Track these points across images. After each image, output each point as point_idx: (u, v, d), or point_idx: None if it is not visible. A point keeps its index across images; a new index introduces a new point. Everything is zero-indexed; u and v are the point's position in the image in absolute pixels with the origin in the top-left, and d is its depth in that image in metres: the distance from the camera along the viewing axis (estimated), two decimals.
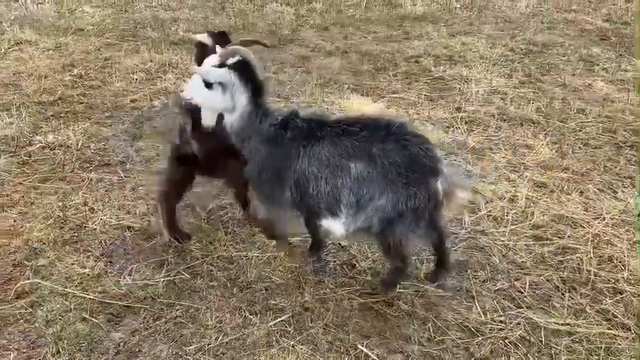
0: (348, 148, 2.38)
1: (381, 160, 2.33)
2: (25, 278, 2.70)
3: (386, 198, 2.34)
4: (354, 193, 2.38)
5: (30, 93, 4.82)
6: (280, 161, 2.49)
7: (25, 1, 7.47)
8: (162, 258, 2.87)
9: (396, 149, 2.33)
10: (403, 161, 2.32)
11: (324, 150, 2.41)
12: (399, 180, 2.32)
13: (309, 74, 5.46)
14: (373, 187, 2.35)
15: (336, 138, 2.41)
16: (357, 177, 2.36)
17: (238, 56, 2.42)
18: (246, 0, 8.11)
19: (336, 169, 2.39)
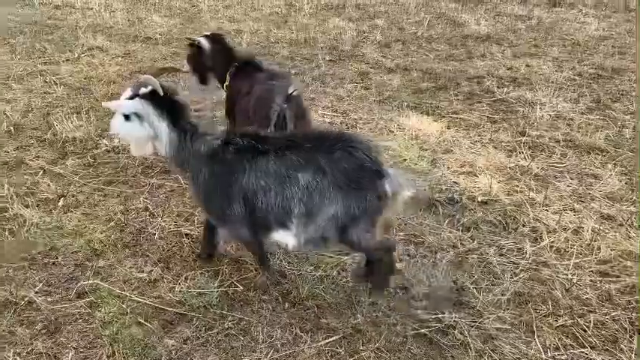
0: (294, 160, 2.41)
1: (329, 169, 2.37)
2: (86, 279, 2.78)
3: (337, 204, 2.39)
4: (304, 203, 2.40)
5: (99, 97, 5.01)
6: (225, 178, 2.49)
7: (99, 9, 7.82)
8: (217, 268, 2.89)
9: (343, 157, 2.38)
10: (351, 168, 2.37)
11: (270, 163, 2.43)
12: (349, 186, 2.37)
13: (369, 90, 5.44)
14: (324, 195, 2.39)
15: (281, 151, 2.44)
16: (307, 187, 2.39)
17: (150, 86, 2.45)
18: (309, 15, 8.20)
19: (285, 180, 2.41)
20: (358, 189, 2.37)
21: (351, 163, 2.38)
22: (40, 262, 2.91)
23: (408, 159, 4.08)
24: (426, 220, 3.36)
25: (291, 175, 2.40)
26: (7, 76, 5.38)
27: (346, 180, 2.37)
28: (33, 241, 3.08)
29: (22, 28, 6.99)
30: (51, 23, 7.32)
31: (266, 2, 8.82)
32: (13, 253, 2.97)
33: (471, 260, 3.01)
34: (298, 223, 2.44)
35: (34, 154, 3.99)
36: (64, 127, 4.30)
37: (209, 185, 2.53)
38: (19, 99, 4.85)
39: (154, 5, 8.35)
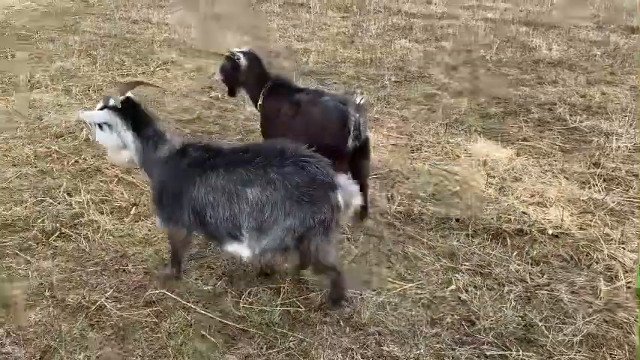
0: (244, 174, 2.51)
1: (281, 183, 2.47)
2: (154, 288, 2.86)
3: (293, 217, 2.48)
4: (254, 218, 2.50)
5: (172, 110, 5.20)
6: (177, 187, 2.64)
7: (174, 25, 8.15)
8: (279, 285, 2.91)
9: (294, 171, 2.49)
10: (304, 181, 2.47)
11: (219, 178, 2.54)
12: (303, 198, 2.46)
13: (435, 113, 5.38)
14: (277, 209, 2.48)
15: (231, 166, 2.55)
16: (256, 202, 2.48)
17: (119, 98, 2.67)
18: (375, 35, 8.24)
19: (232, 196, 2.51)
20: (312, 202, 2.48)
21: (303, 177, 2.49)
22: (112, 269, 3.03)
23: (475, 185, 3.99)
24: (493, 250, 3.26)
25: (239, 191, 2.50)
26: (88, 86, 5.68)
27: (299, 193, 2.47)
28: (106, 247, 3.21)
29: (102, 41, 7.37)
30: (129, 37, 7.69)
31: (333, 22, 8.93)
32: (87, 258, 3.11)
33: (541, 296, 2.89)
34: (250, 236, 2.54)
35: (109, 163, 4.16)
36: None
37: (162, 189, 2.73)
38: None
39: (227, 23, 8.59)
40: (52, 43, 7.17)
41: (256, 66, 3.79)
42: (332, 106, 3.29)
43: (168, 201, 2.70)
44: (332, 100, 3.34)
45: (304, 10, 9.69)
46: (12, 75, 5.94)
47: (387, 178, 4.06)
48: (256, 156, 2.55)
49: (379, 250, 3.25)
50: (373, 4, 10.18)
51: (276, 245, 2.57)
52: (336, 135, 3.23)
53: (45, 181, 3.85)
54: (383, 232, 3.41)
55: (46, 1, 9.73)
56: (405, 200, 3.76)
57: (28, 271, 2.96)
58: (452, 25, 9.03)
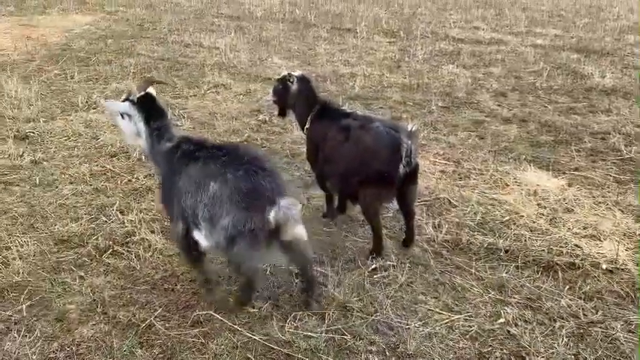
0: (212, 169, 2.71)
1: (230, 184, 2.62)
2: (201, 308, 2.90)
3: (230, 218, 2.59)
4: (209, 210, 2.66)
5: (221, 132, 5.32)
6: (172, 177, 2.88)
7: (224, 49, 8.38)
8: (324, 311, 2.90)
9: (244, 176, 2.62)
10: (247, 187, 2.60)
11: (195, 169, 2.76)
12: (240, 203, 2.58)
13: (483, 140, 5.31)
14: (222, 206, 2.62)
15: (208, 159, 2.75)
16: (213, 196, 2.64)
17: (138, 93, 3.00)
18: (422, 60, 8.24)
19: (200, 186, 2.70)
20: (246, 208, 2.58)
21: (249, 183, 2.61)
22: (161, 287, 3.09)
23: (525, 215, 3.90)
24: (543, 284, 3.17)
25: (205, 183, 2.69)
26: None
27: (239, 197, 2.59)
28: (156, 265, 3.28)
29: (156, 64, 7.64)
30: (181, 60, 7.95)
31: (380, 47, 8.99)
32: (137, 276, 3.18)
33: (595, 334, 2.78)
34: (205, 227, 2.71)
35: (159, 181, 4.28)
36: None
37: (163, 182, 3.03)
38: None
39: (275, 47, 8.80)
40: (108, 66, 7.48)
41: (306, 89, 3.85)
42: (384, 133, 3.29)
43: (167, 190, 2.97)
44: (383, 126, 3.33)
45: (351, 35, 9.80)
46: (71, 95, 6.23)
47: (434, 205, 4.02)
48: (227, 155, 2.76)
49: (426, 280, 3.20)
50: (420, 29, 10.22)
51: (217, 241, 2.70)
52: (387, 162, 3.22)
53: (99, 199, 3.99)
54: (430, 260, 3.37)
55: (104, 25, 10.19)
56: (452, 229, 3.71)
57: (82, 286, 3.06)
58: (500, 50, 8.96)
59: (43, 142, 4.96)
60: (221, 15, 11.48)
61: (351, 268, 3.26)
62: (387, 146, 3.23)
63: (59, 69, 7.31)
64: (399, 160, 3.20)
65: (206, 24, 10.49)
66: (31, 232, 3.56)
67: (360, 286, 3.10)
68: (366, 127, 3.35)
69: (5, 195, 4.01)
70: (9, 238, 3.45)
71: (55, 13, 11.17)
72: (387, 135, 3.27)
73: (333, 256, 3.39)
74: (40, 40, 8.89)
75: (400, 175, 3.23)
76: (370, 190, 3.31)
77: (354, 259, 3.36)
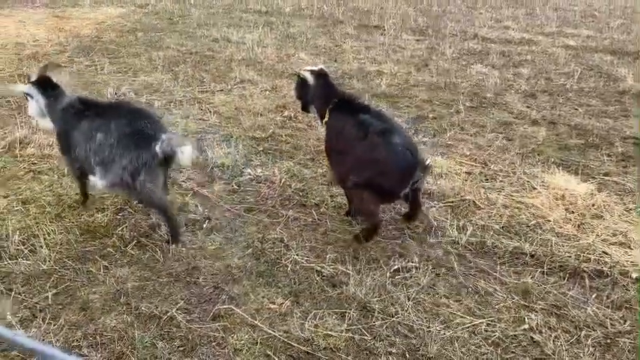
0: (98, 123, 3.31)
1: (117, 132, 3.23)
2: (222, 302, 2.92)
3: (126, 158, 3.21)
4: (99, 156, 3.28)
5: (246, 128, 5.34)
6: (67, 132, 3.47)
7: (251, 44, 8.40)
8: (345, 310, 2.89)
9: (127, 123, 3.27)
10: (132, 132, 3.24)
11: (85, 123, 3.36)
12: (130, 145, 3.21)
13: (511, 142, 5.22)
14: (114, 150, 3.23)
15: (95, 116, 3.38)
16: (100, 144, 3.26)
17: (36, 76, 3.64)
18: (450, 59, 8.14)
19: (88, 138, 3.32)
20: (137, 148, 3.20)
21: (133, 128, 3.24)
22: (183, 280, 3.12)
23: (552, 220, 3.82)
24: (570, 291, 3.10)
25: (92, 135, 3.29)
26: (169, 101, 5.94)
27: (128, 140, 3.21)
28: (178, 258, 3.31)
29: (184, 58, 7.70)
30: (209, 55, 7.99)
31: (408, 45, 8.90)
32: (160, 268, 3.21)
33: (622, 344, 2.72)
34: (99, 170, 3.31)
35: (186, 176, 4.32)
36: (214, 152, 4.63)
37: (60, 135, 3.59)
38: (177, 123, 5.31)
39: (302, 43, 8.78)
40: (137, 58, 7.57)
41: (324, 83, 3.87)
42: (401, 153, 3.28)
43: (63, 142, 3.57)
44: (403, 147, 3.31)
45: (379, 32, 9.73)
46: (101, 87, 6.31)
47: (458, 207, 3.97)
48: (111, 109, 3.50)
49: (449, 282, 3.16)
50: (449, 27, 10.09)
51: (119, 180, 3.26)
52: (394, 182, 3.31)
53: None
54: (453, 263, 3.32)
55: (134, 18, 10.31)
56: (477, 231, 3.66)
57: (106, 276, 3.10)
58: (530, 51, 8.79)
59: None
60: (249, 10, 11.51)
61: (372, 268, 3.23)
62: (400, 169, 3.28)
63: (89, 61, 7.42)
64: (406, 185, 3.26)
65: (234, 19, 10.54)
66: (58, 221, 3.62)
67: (382, 286, 3.07)
68: (386, 138, 3.32)
69: (35, 184, 4.09)
70: (37, 226, 3.51)
71: (87, 6, 11.34)
72: (404, 158, 3.27)
73: (355, 255, 3.37)
74: (72, 31, 9.04)
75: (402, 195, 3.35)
76: (367, 194, 3.34)
77: (377, 258, 3.33)
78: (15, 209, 3.73)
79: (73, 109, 3.48)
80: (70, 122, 3.46)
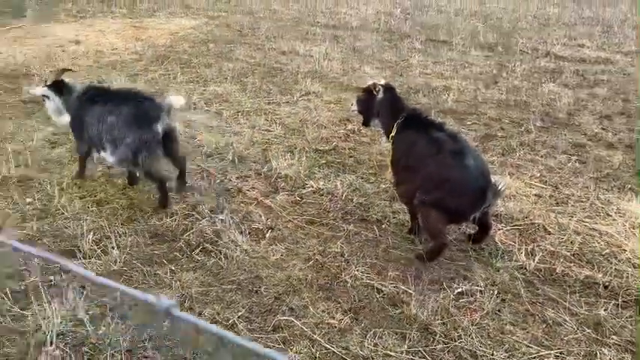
0: (109, 107, 3.84)
1: (125, 114, 3.76)
2: (282, 314, 2.94)
3: (130, 137, 3.74)
4: (110, 135, 3.81)
5: (310, 139, 5.38)
6: (80, 116, 4.03)
7: (318, 57, 8.49)
8: (405, 331, 2.84)
9: (133, 106, 3.80)
10: (137, 113, 3.76)
11: (97, 108, 3.90)
12: (134, 125, 3.74)
13: (584, 165, 5.00)
14: (123, 130, 3.76)
15: (106, 102, 3.90)
16: (111, 125, 3.80)
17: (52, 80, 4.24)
18: (521, 77, 7.91)
19: (100, 120, 3.86)
20: (140, 128, 3.73)
21: (139, 111, 3.77)
22: (245, 289, 3.16)
23: (627, 250, 3.62)
24: None
25: (104, 117, 3.83)
26: (238, 111, 6.08)
27: (134, 122, 3.74)
28: (241, 266, 3.36)
29: (253, 70, 7.88)
30: (276, 67, 8.14)
31: (476, 61, 8.73)
32: (223, 275, 3.28)
33: None
34: (109, 147, 3.85)
35: (251, 185, 4.40)
36: (278, 163, 4.69)
37: (74, 120, 4.13)
38: (244, 133, 5.43)
39: (368, 57, 8.80)
40: (208, 69, 7.81)
41: (392, 98, 3.85)
42: (474, 177, 3.21)
43: (76, 125, 4.11)
44: (477, 170, 3.24)
45: (447, 47, 9.61)
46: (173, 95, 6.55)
47: (527, 230, 3.83)
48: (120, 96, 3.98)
49: (515, 309, 3.05)
50: (520, 44, 9.83)
51: (125, 156, 3.79)
52: (465, 204, 3.24)
53: (193, 197, 4.16)
54: (520, 289, 3.20)
55: (206, 29, 10.67)
56: (546, 257, 3.51)
57: (172, 280, 3.19)
58: (607, 70, 8.41)
59: None
60: (317, 24, 11.66)
61: (435, 289, 3.17)
62: (472, 192, 3.20)
63: (163, 69, 7.73)
64: (477, 209, 3.17)
65: (302, 32, 10.70)
66: (129, 224, 3.77)
67: (444, 309, 3.00)
68: (459, 158, 3.26)
69: (109, 187, 4.28)
70: (109, 227, 3.67)
71: (162, 16, 11.85)
72: (476, 182, 3.19)
73: (417, 274, 3.31)
74: (147, 41, 9.45)
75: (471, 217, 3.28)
76: (435, 213, 3.25)
77: (439, 280, 3.26)
78: (90, 210, 3.91)
79: (85, 96, 4.07)
80: (82, 107, 4.02)
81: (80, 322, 2.81)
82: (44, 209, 3.92)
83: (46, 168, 4.57)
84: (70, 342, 2.70)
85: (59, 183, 4.22)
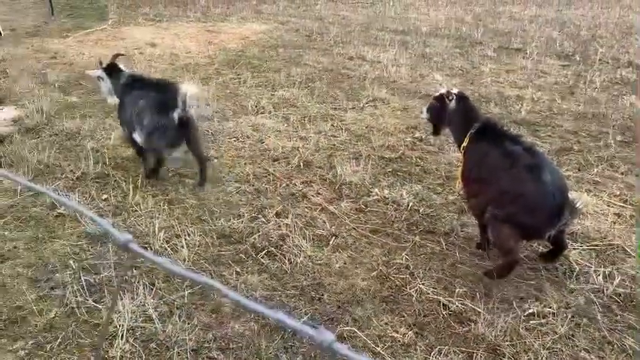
0: (142, 93, 4.28)
1: (149, 100, 4.20)
2: (345, 324, 2.91)
3: (147, 120, 4.18)
4: (140, 117, 4.22)
5: (376, 147, 5.33)
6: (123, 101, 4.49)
7: (386, 63, 8.43)
8: (472, 350, 2.74)
9: (157, 95, 4.22)
10: (158, 101, 4.18)
11: (133, 94, 4.34)
12: (154, 111, 4.17)
13: None
14: (145, 115, 4.19)
15: (140, 88, 4.35)
16: (141, 109, 4.22)
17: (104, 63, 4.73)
18: (600, 88, 7.52)
19: (134, 104, 4.29)
20: (158, 114, 4.15)
21: (158, 99, 4.18)
22: (308, 295, 3.16)
23: None
24: None
25: (137, 101, 4.25)
26: (304, 116, 6.12)
27: (155, 109, 4.16)
28: (305, 272, 3.36)
29: (320, 75, 7.92)
30: (344, 72, 8.14)
31: (552, 70, 8.38)
32: (287, 280, 3.29)
33: None
34: (138, 128, 4.25)
35: (315, 190, 4.41)
36: (343, 170, 4.67)
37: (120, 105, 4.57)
38: (310, 138, 5.45)
39: (437, 63, 8.64)
40: (277, 73, 7.92)
41: (465, 107, 3.74)
42: (550, 194, 3.07)
43: (122, 110, 4.51)
44: (553, 186, 3.09)
45: (520, 55, 9.29)
46: (242, 99, 6.69)
47: (605, 252, 3.61)
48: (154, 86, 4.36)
49: (590, 335, 2.88)
50: (599, 53, 9.35)
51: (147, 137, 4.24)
52: (540, 222, 3.11)
53: (259, 200, 4.21)
54: (596, 314, 3.02)
55: (276, 34, 10.84)
56: (626, 281, 3.30)
57: (237, 282, 3.24)
58: None
59: (215, 140, 5.38)
60: (386, 29, 11.58)
61: (504, 309, 3.04)
62: (547, 209, 3.06)
63: (234, 73, 7.91)
64: (553, 227, 3.04)
65: (370, 37, 10.66)
66: (198, 224, 3.86)
67: (514, 330, 2.88)
68: (536, 173, 3.12)
69: (180, 187, 4.41)
70: (179, 226, 3.77)
71: (234, 21, 12.15)
72: (553, 198, 3.05)
73: (486, 292, 3.19)
74: (219, 45, 9.72)
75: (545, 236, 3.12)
76: (508, 229, 3.12)
77: (509, 299, 3.13)
78: (162, 209, 4.04)
79: (126, 82, 4.52)
80: (124, 92, 4.49)
81: (149, 319, 2.90)
82: (119, 206, 4.09)
83: (122, 166, 4.77)
84: (139, 337, 2.79)
85: (134, 181, 4.38)
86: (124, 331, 2.77)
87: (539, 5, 15.54)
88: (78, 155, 4.88)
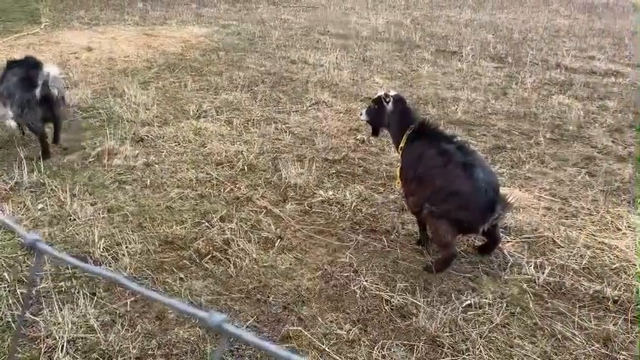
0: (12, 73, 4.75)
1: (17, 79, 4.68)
2: (291, 324, 2.94)
3: (17, 97, 4.64)
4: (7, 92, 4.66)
5: (320, 149, 5.40)
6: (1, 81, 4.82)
7: (328, 66, 8.54)
8: (414, 343, 2.84)
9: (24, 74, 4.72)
10: (22, 79, 4.68)
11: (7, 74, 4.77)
12: (21, 86, 4.65)
13: (594, 178, 4.98)
14: (14, 91, 4.65)
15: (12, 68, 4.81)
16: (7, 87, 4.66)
17: None
18: (531, 89, 7.91)
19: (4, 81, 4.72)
20: (24, 90, 4.65)
21: (23, 77, 4.68)
22: (254, 298, 3.17)
23: (638, 264, 3.60)
24: None
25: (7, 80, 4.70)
26: (248, 119, 6.12)
27: (22, 88, 4.65)
28: (250, 275, 3.38)
29: (263, 78, 7.93)
30: (286, 76, 8.18)
31: (486, 72, 8.74)
32: (233, 283, 3.29)
33: None
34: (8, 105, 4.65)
35: (260, 194, 4.42)
36: (288, 172, 4.71)
37: None
38: (254, 141, 5.46)
39: (377, 67, 8.83)
40: (219, 77, 7.87)
41: (402, 109, 3.86)
42: (483, 190, 3.22)
43: None
44: (486, 182, 3.25)
45: (456, 58, 9.62)
46: (183, 103, 6.61)
47: (536, 243, 3.82)
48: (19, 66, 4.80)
49: (523, 322, 3.04)
50: (530, 56, 9.83)
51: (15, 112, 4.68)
52: (474, 217, 3.27)
53: (203, 205, 4.19)
54: (529, 302, 3.19)
55: (217, 38, 10.75)
56: (555, 271, 3.50)
57: (181, 288, 3.21)
58: (617, 83, 8.40)
59: (155, 145, 5.30)
60: (327, 33, 11.71)
61: (443, 301, 3.16)
62: (481, 205, 3.22)
63: (174, 77, 7.79)
64: (486, 221, 3.19)
65: (312, 41, 10.75)
66: (139, 231, 3.80)
67: (453, 321, 3.00)
68: (469, 171, 3.28)
69: (119, 194, 4.32)
70: (120, 234, 3.70)
71: (174, 25, 11.96)
72: (486, 194, 3.21)
73: (425, 286, 3.31)
74: (159, 49, 9.54)
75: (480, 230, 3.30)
76: (444, 224, 3.27)
77: (448, 292, 3.26)
78: (101, 217, 3.95)
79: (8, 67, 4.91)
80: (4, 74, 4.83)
81: (91, 329, 2.83)
82: (56, 215, 3.96)
83: (59, 174, 4.62)
84: (80, 348, 2.72)
85: (71, 189, 4.26)
86: (64, 343, 2.70)
87: (474, 9, 16.14)
88: (11, 164, 4.69)
